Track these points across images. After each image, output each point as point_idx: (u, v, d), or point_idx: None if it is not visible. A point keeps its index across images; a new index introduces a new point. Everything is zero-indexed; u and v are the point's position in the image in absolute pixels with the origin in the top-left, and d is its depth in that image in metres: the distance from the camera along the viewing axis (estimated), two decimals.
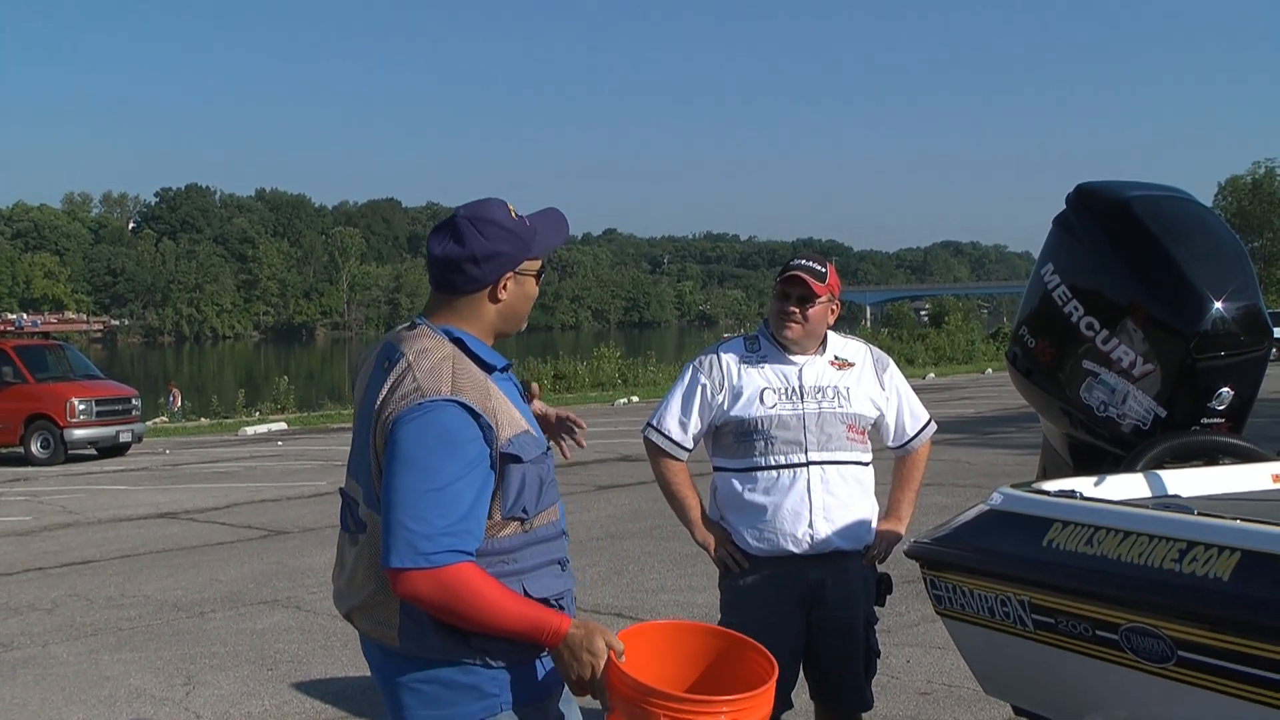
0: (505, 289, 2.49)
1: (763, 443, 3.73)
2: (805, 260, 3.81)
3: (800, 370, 3.78)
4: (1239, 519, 2.84)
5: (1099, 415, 4.18)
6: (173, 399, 32.62)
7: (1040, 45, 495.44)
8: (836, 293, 3.83)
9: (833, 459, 3.74)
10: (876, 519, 3.89)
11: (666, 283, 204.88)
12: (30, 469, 18.52)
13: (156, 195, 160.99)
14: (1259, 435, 4.26)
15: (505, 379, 2.53)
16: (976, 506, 3.57)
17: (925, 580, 3.63)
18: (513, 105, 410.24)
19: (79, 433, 19.18)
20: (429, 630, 2.38)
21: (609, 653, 2.32)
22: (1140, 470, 3.79)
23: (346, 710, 5.73)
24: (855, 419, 3.79)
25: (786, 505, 3.71)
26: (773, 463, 3.73)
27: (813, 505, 3.71)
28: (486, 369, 2.45)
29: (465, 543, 2.31)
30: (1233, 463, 3.90)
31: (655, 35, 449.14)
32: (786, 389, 3.76)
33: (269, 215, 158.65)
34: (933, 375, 36.93)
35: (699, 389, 3.83)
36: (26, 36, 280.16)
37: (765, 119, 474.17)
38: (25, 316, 24.21)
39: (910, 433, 3.97)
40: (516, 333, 2.60)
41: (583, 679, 2.33)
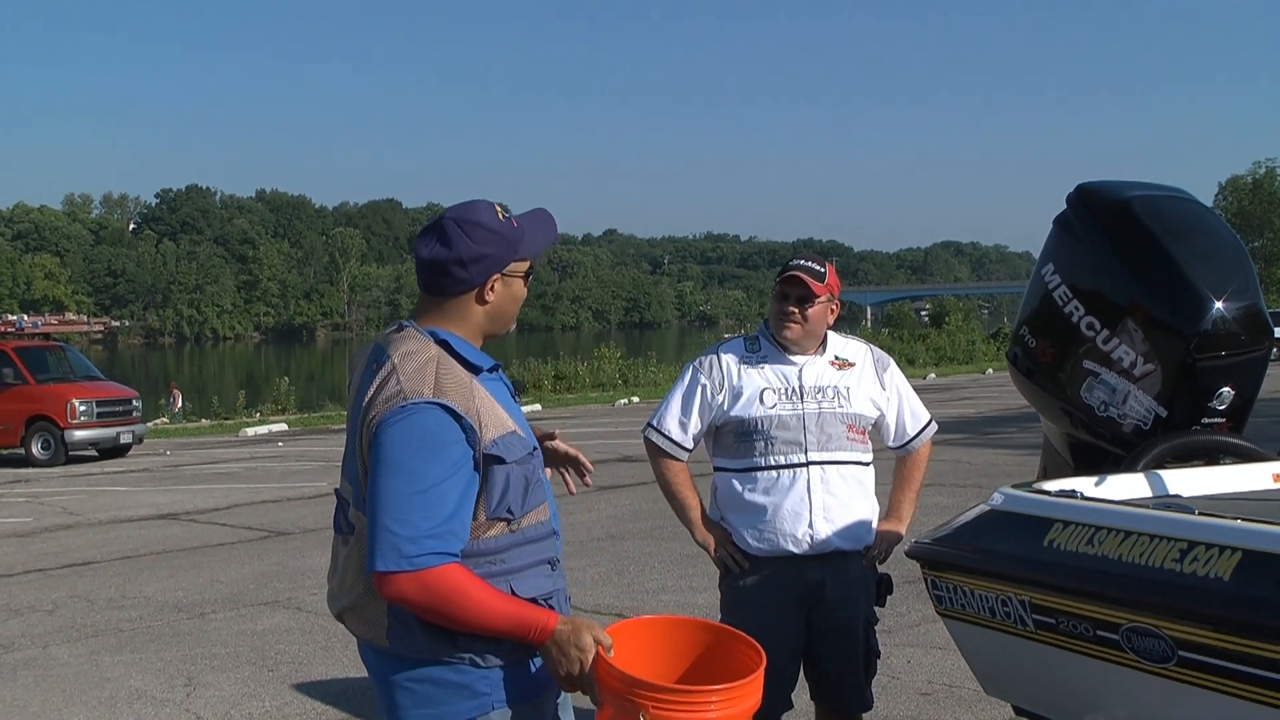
0: (493, 291, 2.50)
1: (763, 443, 3.73)
2: (804, 260, 3.81)
3: (800, 370, 3.78)
4: (1240, 519, 2.83)
5: (1100, 415, 4.18)
6: (173, 400, 32.62)
7: (1040, 45, 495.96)
8: (836, 293, 3.83)
9: (833, 459, 3.74)
10: (877, 519, 3.88)
11: (667, 283, 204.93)
12: (31, 470, 18.52)
13: (157, 196, 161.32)
14: (1260, 435, 4.25)
15: (494, 379, 2.54)
16: (977, 507, 3.57)
17: (926, 580, 3.63)
18: (513, 106, 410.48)
19: (80, 434, 19.18)
20: (416, 631, 2.39)
21: (597, 648, 2.33)
22: (1141, 470, 3.79)
23: (347, 711, 5.73)
24: (855, 419, 3.79)
25: (786, 505, 3.71)
26: (773, 463, 3.72)
27: (812, 505, 3.71)
28: (473, 370, 2.45)
29: (449, 544, 2.32)
30: (1234, 462, 3.90)
31: (655, 35, 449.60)
32: (786, 389, 3.76)
33: (269, 216, 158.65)
34: (933, 375, 36.93)
35: (699, 389, 3.83)
36: (26, 37, 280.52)
37: (765, 119, 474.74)
38: (26, 318, 24.22)
39: (911, 433, 3.97)
40: (506, 333, 2.61)
41: (571, 675, 2.35)
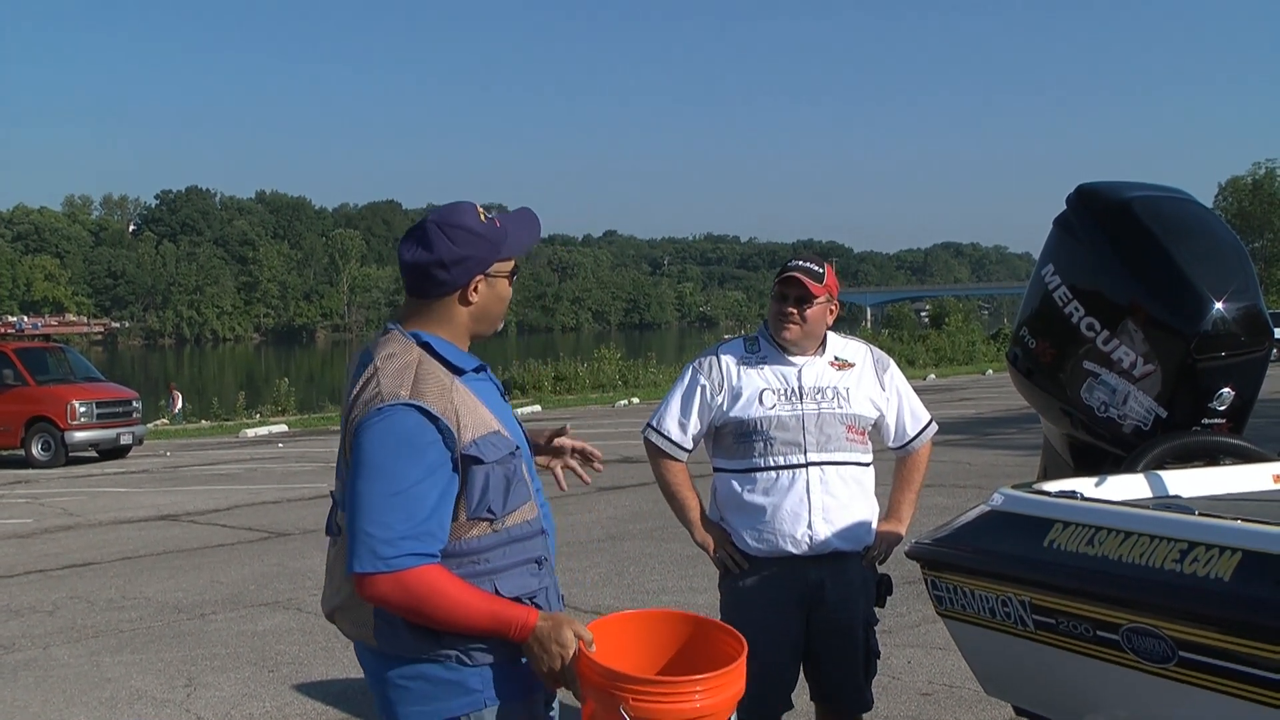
0: (476, 291, 2.52)
1: (762, 444, 3.73)
2: (803, 261, 3.81)
3: (800, 371, 3.78)
4: (1240, 519, 2.83)
5: (1100, 416, 4.18)
6: (173, 401, 32.62)
7: (1040, 46, 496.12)
8: (835, 293, 3.83)
9: (832, 460, 3.74)
10: (877, 520, 3.88)
11: (667, 284, 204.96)
12: (31, 471, 18.53)
13: (157, 197, 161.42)
14: (1260, 436, 4.25)
15: (481, 380, 2.57)
16: (977, 507, 3.57)
17: (926, 581, 3.63)
18: (513, 107, 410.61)
19: (80, 435, 19.19)
20: (401, 630, 2.42)
21: (578, 643, 2.36)
22: (1141, 471, 3.79)
23: (347, 712, 5.73)
24: (855, 419, 3.79)
25: (786, 506, 3.71)
26: (772, 463, 3.72)
27: (812, 506, 3.71)
28: (456, 371, 2.48)
29: (427, 545, 2.35)
30: (1234, 463, 3.89)
31: (655, 36, 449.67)
32: (786, 390, 3.76)
33: (269, 217, 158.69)
34: (933, 376, 36.92)
35: (698, 390, 3.83)
36: (26, 37, 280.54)
37: (765, 119, 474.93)
38: (26, 319, 24.24)
39: (911, 433, 3.97)
40: (494, 333, 2.64)
41: (553, 670, 2.38)
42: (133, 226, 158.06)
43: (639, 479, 12.97)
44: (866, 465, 3.85)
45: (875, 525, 3.87)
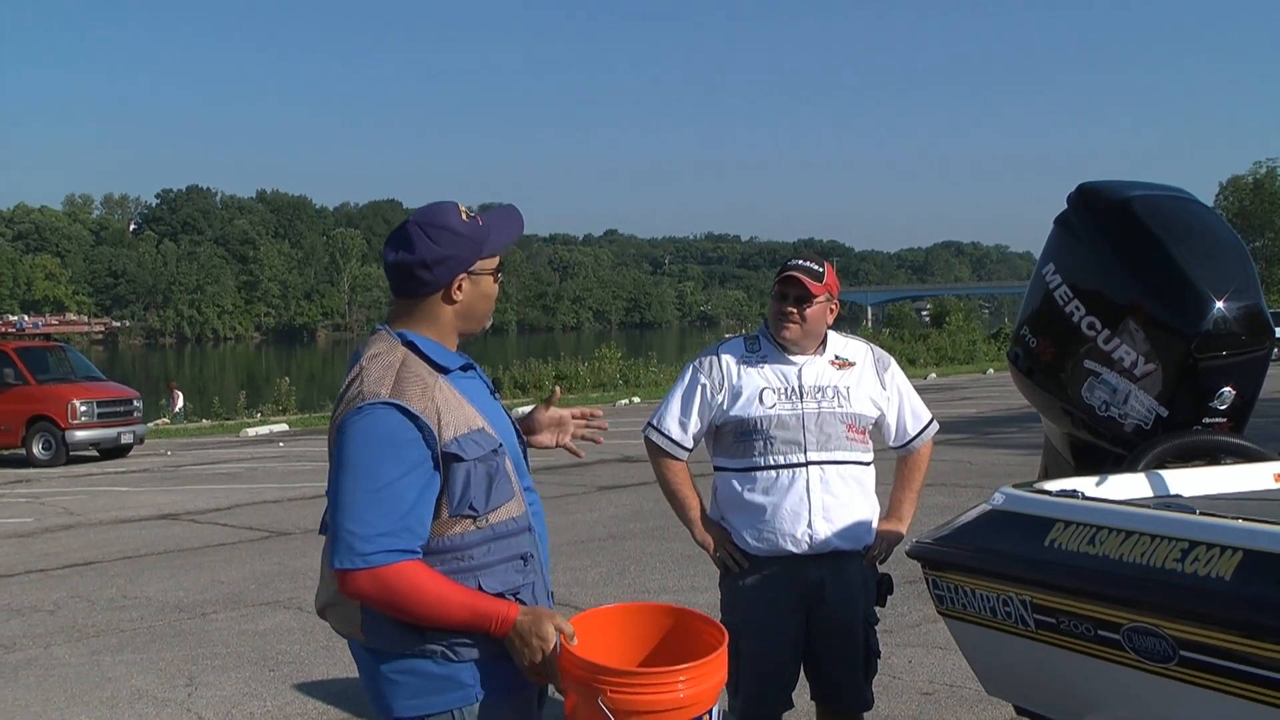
0: (460, 290, 2.55)
1: (762, 443, 3.73)
2: (802, 260, 3.81)
3: (800, 370, 3.78)
4: (1241, 519, 2.83)
5: (1101, 415, 4.17)
6: (174, 400, 32.60)
7: (1041, 45, 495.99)
8: (835, 292, 3.83)
9: (832, 459, 3.74)
10: (877, 519, 3.88)
11: (668, 283, 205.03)
12: (32, 470, 18.53)
13: (157, 197, 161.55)
14: (1261, 435, 4.25)
15: (469, 378, 2.60)
16: (978, 506, 3.57)
17: (927, 580, 3.62)
18: (513, 106, 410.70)
19: (80, 434, 19.19)
20: (386, 625, 2.45)
21: (559, 637, 2.38)
22: (1142, 470, 3.78)
23: (348, 711, 5.73)
24: (855, 419, 3.79)
25: (786, 505, 3.71)
26: (772, 463, 3.72)
27: (812, 505, 3.71)
28: (441, 370, 2.51)
29: (406, 541, 2.38)
30: (1235, 462, 3.89)
31: (656, 36, 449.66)
32: (786, 389, 3.75)
33: (270, 217, 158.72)
34: (934, 375, 36.90)
35: (699, 389, 3.83)
36: (26, 37, 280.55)
37: (766, 119, 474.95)
38: (26, 318, 24.24)
39: (912, 432, 3.96)
40: (481, 330, 2.67)
41: (534, 664, 2.40)
42: (133, 225, 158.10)
43: (640, 478, 12.97)
44: (867, 464, 3.84)
45: (876, 524, 3.86)
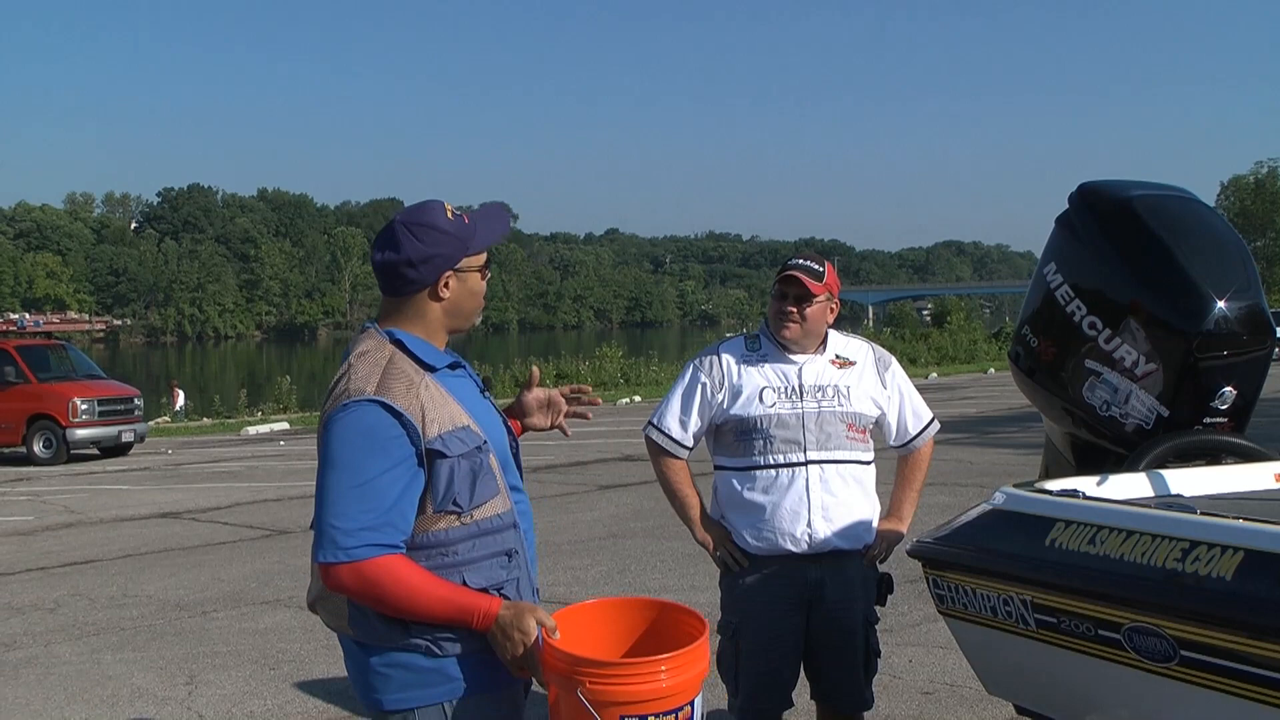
0: (447, 287, 2.58)
1: (762, 442, 3.72)
2: (802, 260, 3.81)
3: (800, 369, 3.78)
4: (1242, 518, 2.83)
5: (1102, 414, 4.17)
6: (174, 398, 32.59)
7: (1043, 45, 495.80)
8: (835, 291, 3.82)
9: (832, 458, 3.73)
10: (877, 518, 3.88)
11: (669, 282, 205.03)
12: (33, 469, 18.54)
13: (159, 195, 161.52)
14: (1262, 435, 4.25)
15: (458, 376, 2.63)
16: (979, 506, 3.57)
17: (927, 580, 3.62)
18: (514, 105, 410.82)
19: (81, 432, 19.19)
20: (372, 618, 2.48)
21: (541, 630, 2.40)
22: (1143, 470, 3.78)
23: (349, 710, 5.73)
24: (855, 418, 3.78)
25: (785, 504, 3.70)
26: (772, 462, 3.72)
27: (811, 504, 3.70)
28: (428, 368, 2.54)
29: (388, 536, 2.40)
30: (1236, 462, 3.89)
31: (657, 35, 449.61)
32: (786, 388, 3.75)
33: (271, 215, 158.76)
34: (935, 375, 36.89)
35: (699, 388, 3.83)
36: (27, 36, 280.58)
37: (767, 118, 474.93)
38: (28, 316, 24.17)
39: (912, 432, 3.96)
40: (471, 327, 2.70)
41: (516, 657, 2.42)
42: (135, 224, 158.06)
43: (640, 477, 12.98)
44: (867, 464, 3.84)
45: (876, 524, 3.86)
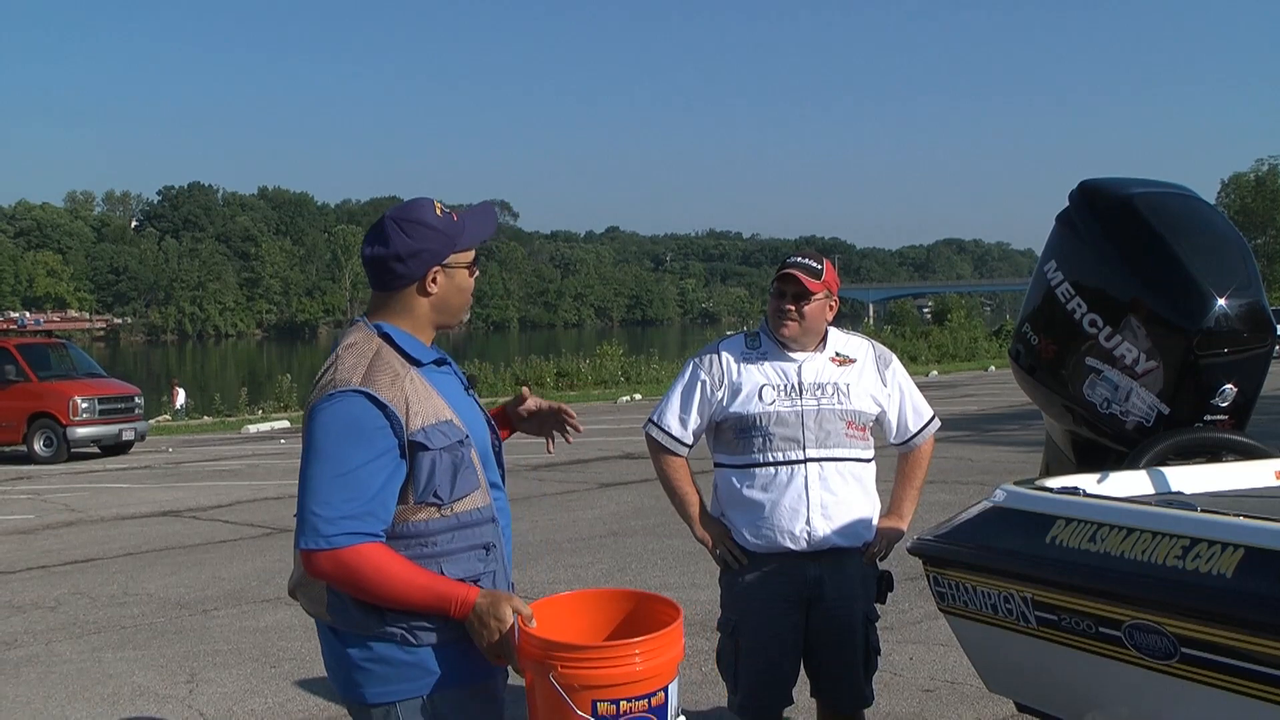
0: (435, 283, 2.62)
1: (761, 439, 3.72)
2: (801, 258, 3.81)
3: (800, 367, 3.77)
4: (1242, 516, 2.83)
5: (1102, 412, 4.17)
6: (175, 397, 32.59)
7: (1043, 42, 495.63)
8: (834, 289, 3.82)
9: (831, 456, 3.73)
10: (877, 516, 3.88)
11: (669, 280, 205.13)
12: (33, 467, 18.54)
13: (159, 194, 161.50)
14: (1262, 433, 4.25)
15: (442, 373, 2.67)
16: (979, 503, 3.56)
17: (928, 577, 3.62)
18: (515, 103, 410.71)
19: (82, 431, 19.19)
20: (350, 605, 2.51)
21: (517, 618, 2.43)
22: (1143, 467, 3.78)
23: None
24: (855, 415, 3.78)
25: (784, 502, 3.70)
26: (771, 459, 3.72)
27: (810, 502, 3.70)
28: (414, 363, 2.57)
29: (368, 525, 2.44)
30: (1236, 459, 3.89)
31: (657, 34, 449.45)
32: (786, 385, 3.75)
33: (271, 213, 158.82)
34: (935, 373, 36.90)
35: (699, 385, 3.83)
36: (28, 36, 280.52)
37: (768, 116, 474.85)
38: (28, 315, 24.13)
39: (913, 429, 3.96)
40: (459, 324, 2.74)
41: (492, 645, 2.45)
42: (135, 222, 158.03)
43: (641, 475, 12.98)
44: (867, 461, 3.84)
45: (876, 521, 3.86)
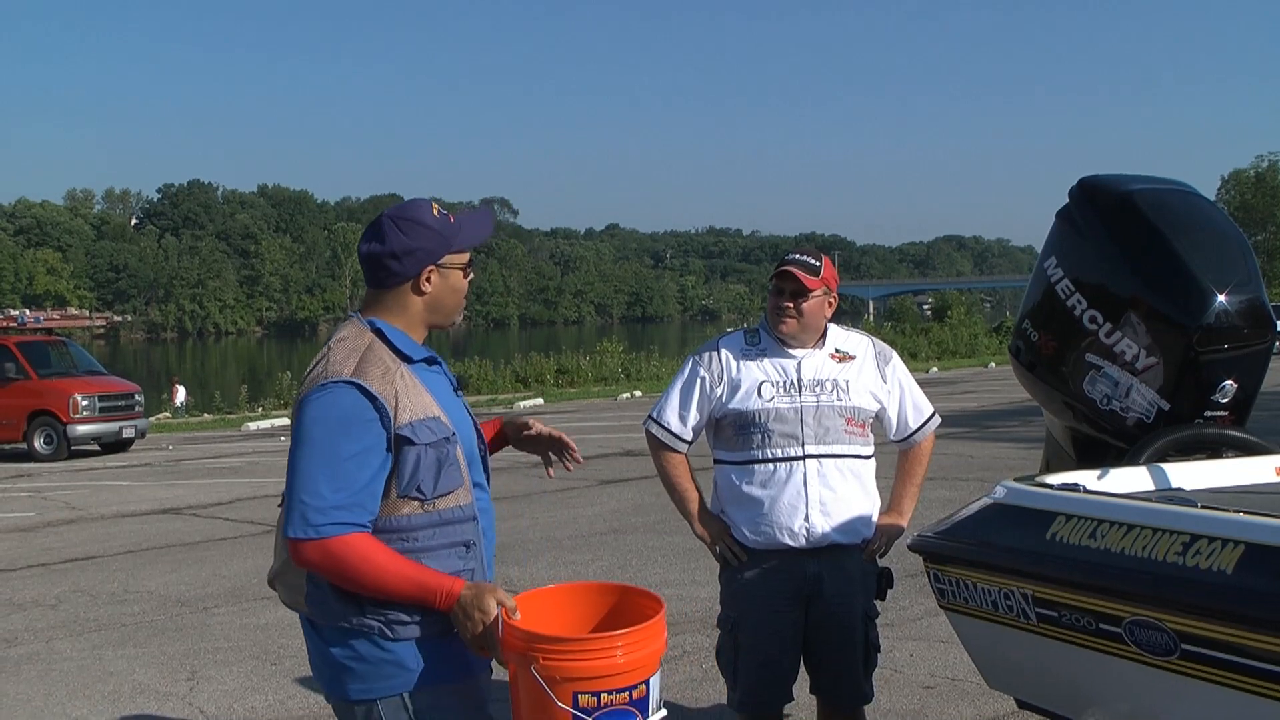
0: (429, 282, 2.64)
1: (760, 436, 3.72)
2: (799, 255, 3.81)
3: (799, 363, 3.77)
4: (1242, 512, 2.83)
5: (1102, 409, 4.17)
6: (175, 394, 32.61)
7: (1043, 39, 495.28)
8: (833, 285, 3.82)
9: (830, 452, 3.73)
10: (877, 513, 3.88)
11: (669, 277, 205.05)
12: (34, 465, 18.55)
13: (159, 191, 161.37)
14: (1262, 429, 4.25)
15: (432, 371, 2.69)
16: (980, 500, 3.56)
17: (928, 574, 3.62)
18: (515, 101, 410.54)
19: (82, 428, 19.19)
20: (329, 596, 2.54)
21: (500, 610, 2.44)
22: (1144, 463, 3.78)
23: None
24: (854, 412, 3.78)
25: (783, 499, 3.70)
26: (770, 456, 3.72)
27: (809, 499, 3.70)
28: (405, 359, 2.60)
29: (356, 515, 2.47)
30: (1236, 456, 3.89)
31: (657, 32, 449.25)
32: (785, 382, 3.75)
33: (271, 211, 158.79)
34: (936, 369, 36.89)
35: (698, 382, 3.83)
36: (28, 34, 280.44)
37: (768, 113, 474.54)
38: (28, 313, 24.25)
39: (913, 426, 3.96)
40: (451, 324, 2.76)
41: (476, 636, 2.46)
42: (135, 220, 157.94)
43: (641, 472, 12.98)
44: (867, 458, 3.83)
45: (875, 518, 3.86)
